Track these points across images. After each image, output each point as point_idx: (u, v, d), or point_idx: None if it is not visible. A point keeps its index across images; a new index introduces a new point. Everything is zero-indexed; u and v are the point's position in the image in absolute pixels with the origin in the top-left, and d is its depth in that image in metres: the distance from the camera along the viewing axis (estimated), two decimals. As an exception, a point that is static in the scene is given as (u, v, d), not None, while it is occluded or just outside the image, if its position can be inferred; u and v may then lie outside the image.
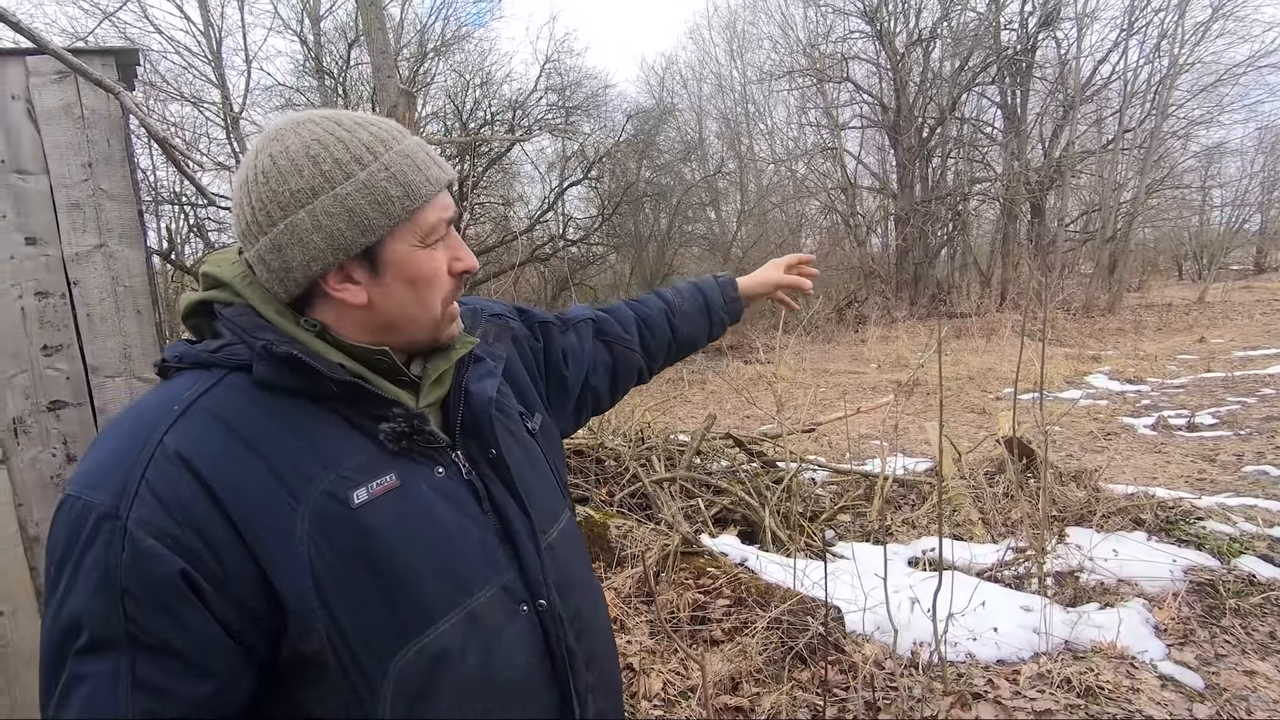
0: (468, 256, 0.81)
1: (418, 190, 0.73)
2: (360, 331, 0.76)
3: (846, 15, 18.65)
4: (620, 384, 1.15)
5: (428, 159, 0.76)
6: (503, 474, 0.82)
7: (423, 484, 0.75)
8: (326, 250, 0.71)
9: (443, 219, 0.77)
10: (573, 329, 1.09)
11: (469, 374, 0.84)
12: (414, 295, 0.76)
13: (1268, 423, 5.76)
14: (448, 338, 0.82)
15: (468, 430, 0.81)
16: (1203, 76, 16.60)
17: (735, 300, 1.27)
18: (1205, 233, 25.18)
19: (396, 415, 0.74)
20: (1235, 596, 2.72)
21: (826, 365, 11.24)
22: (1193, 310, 14.94)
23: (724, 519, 3.76)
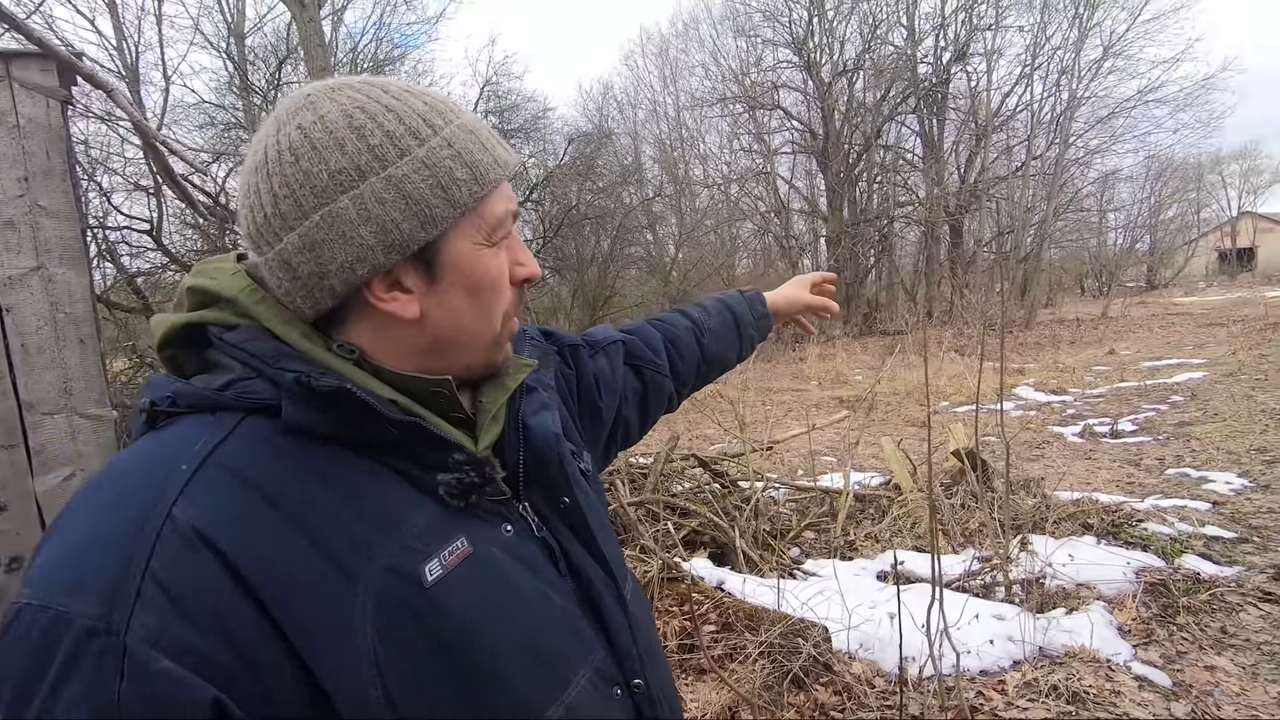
0: (530, 261, 0.67)
1: (486, 173, 0.59)
2: (402, 355, 0.61)
3: (775, 45, 19.41)
4: (651, 413, 1.03)
5: (492, 137, 0.63)
6: (577, 526, 0.69)
7: (494, 547, 0.60)
8: (378, 248, 0.56)
9: (510, 211, 0.63)
10: (602, 352, 0.96)
11: (523, 407, 0.70)
12: (475, 306, 0.62)
13: (1181, 428, 6.18)
14: (504, 359, 0.68)
15: (532, 476, 0.67)
16: (1098, 109, 18.08)
17: (765, 316, 1.17)
18: (1104, 253, 27.21)
19: (460, 463, 0.59)
20: (1186, 595, 2.86)
21: (769, 384, 11.42)
22: (1099, 324, 16.02)
23: (692, 542, 3.71)
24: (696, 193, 20.72)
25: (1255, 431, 5.67)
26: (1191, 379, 8.44)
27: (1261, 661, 2.42)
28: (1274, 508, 3.95)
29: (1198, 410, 6.79)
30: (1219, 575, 3.05)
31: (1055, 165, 17.63)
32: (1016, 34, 17.92)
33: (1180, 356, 10.38)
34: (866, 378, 11.07)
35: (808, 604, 2.58)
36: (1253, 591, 2.90)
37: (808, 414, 7.59)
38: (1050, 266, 20.89)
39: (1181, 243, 34.24)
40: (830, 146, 18.68)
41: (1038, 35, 17.40)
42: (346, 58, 12.06)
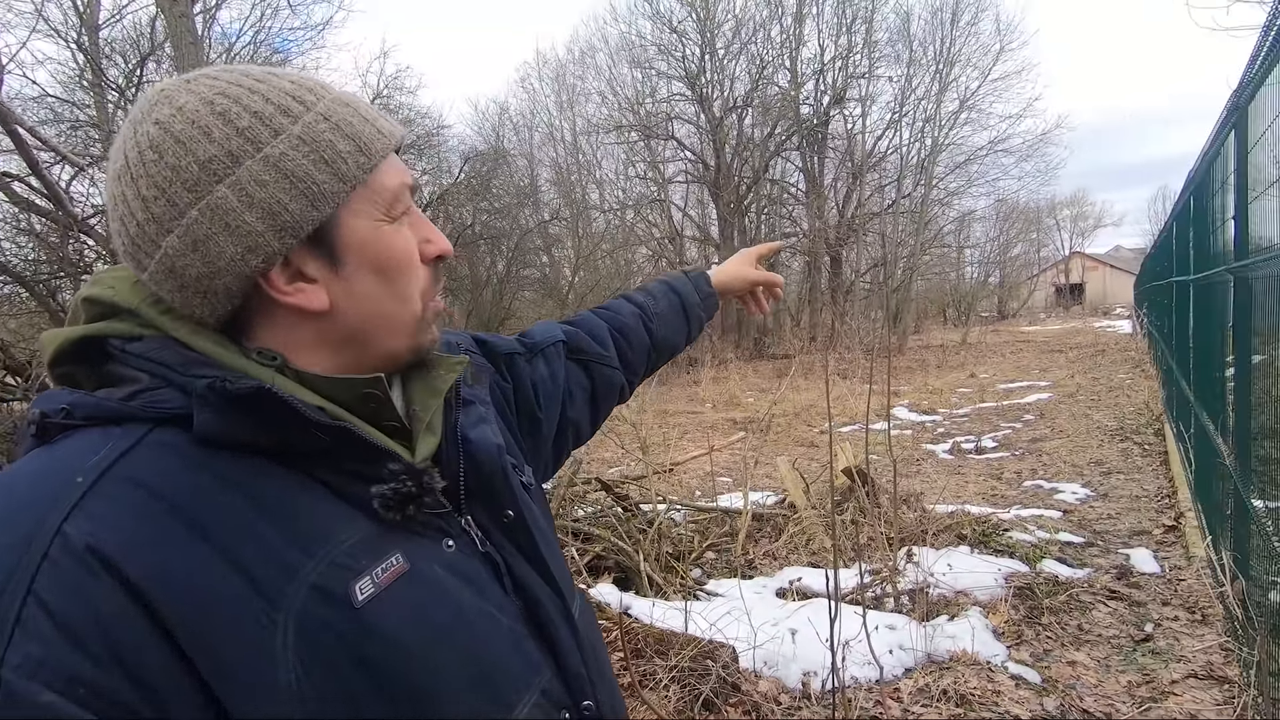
0: (440, 237, 0.63)
1: (370, 144, 0.56)
2: (322, 354, 0.57)
3: (670, 78, 20.08)
4: (602, 408, 0.98)
5: (371, 109, 0.59)
6: (523, 542, 0.65)
7: (434, 564, 0.56)
8: (268, 233, 0.52)
9: (405, 184, 0.59)
10: (540, 355, 0.90)
11: (461, 418, 0.65)
12: (387, 287, 0.58)
13: (1034, 444, 6.84)
14: (432, 342, 0.64)
15: (474, 489, 0.63)
16: (956, 156, 20.00)
17: (710, 295, 1.12)
18: (962, 285, 29.94)
19: (395, 473, 0.55)
20: (1048, 597, 3.14)
21: (665, 406, 11.58)
22: (961, 350, 17.54)
23: (597, 567, 3.66)
24: (593, 217, 20.90)
25: (1093, 446, 6.38)
26: (1040, 399, 9.39)
27: (1112, 654, 2.68)
28: (1112, 514, 4.43)
29: (1046, 427, 7.55)
30: (1073, 577, 3.37)
31: (921, 204, 19.29)
32: (887, 83, 19.56)
33: (1029, 379, 11.54)
34: (758, 399, 11.48)
35: (715, 625, 2.60)
36: (1101, 591, 3.23)
37: (705, 436, 7.75)
38: (918, 297, 22.70)
39: (1025, 278, 38.46)
40: (721, 178, 19.48)
41: (905, 86, 19.09)
42: (221, 59, 11.25)
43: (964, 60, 19.06)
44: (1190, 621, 2.87)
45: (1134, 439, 6.39)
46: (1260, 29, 2.31)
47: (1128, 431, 6.71)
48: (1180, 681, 2.42)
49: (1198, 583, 3.10)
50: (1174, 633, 2.79)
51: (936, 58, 18.83)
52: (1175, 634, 2.78)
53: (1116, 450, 6.11)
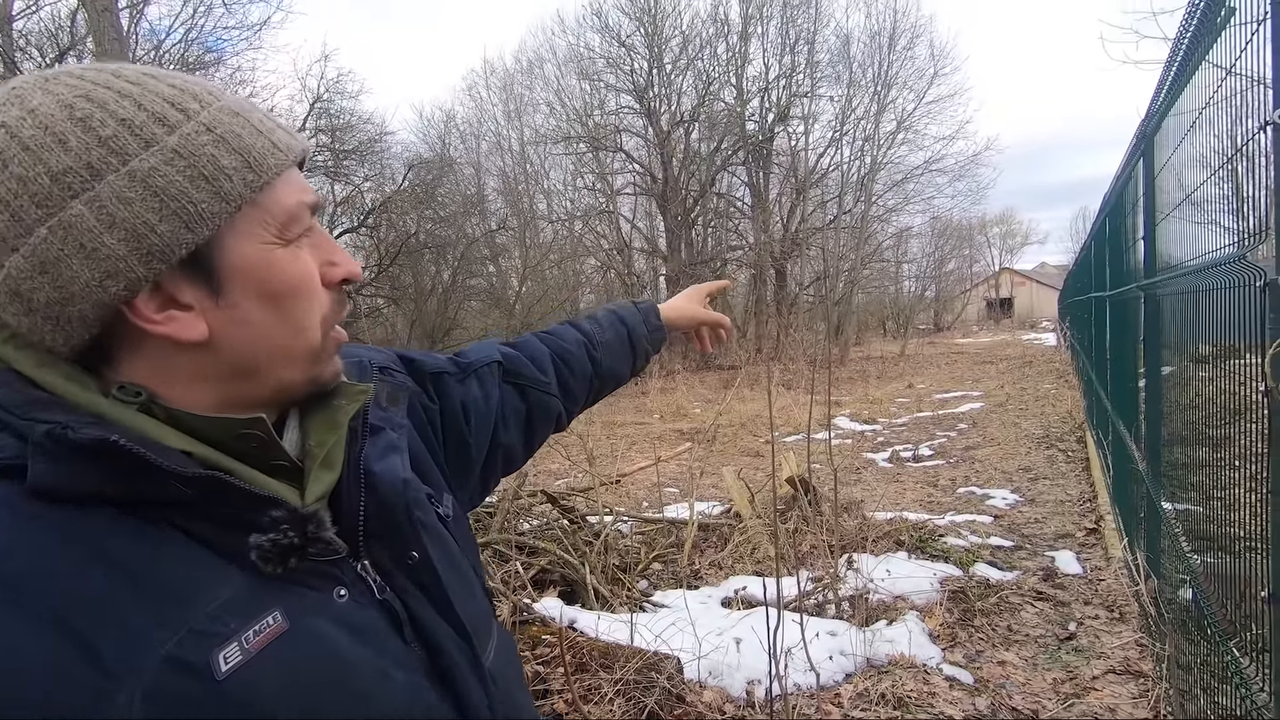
0: (347, 260, 0.58)
1: (263, 159, 0.51)
2: (198, 389, 0.52)
3: (618, 91, 20.22)
4: (537, 435, 0.94)
5: (268, 119, 0.54)
6: (428, 584, 0.60)
7: (320, 619, 0.51)
8: (132, 258, 0.46)
9: (305, 203, 0.54)
10: (474, 376, 0.85)
11: (366, 449, 0.60)
12: (278, 315, 0.53)
13: (968, 452, 7.12)
14: (332, 375, 0.59)
15: (375, 529, 0.58)
16: (894, 174, 20.78)
17: (658, 329, 1.10)
18: (900, 298, 31.01)
19: (276, 521, 0.50)
20: (980, 599, 3.26)
21: (613, 417, 11.58)
22: (899, 362, 18.13)
23: (542, 581, 3.62)
24: (541, 227, 20.81)
25: (1022, 453, 6.68)
26: (973, 409, 9.78)
27: (1039, 653, 2.81)
28: (1039, 518, 4.65)
29: (978, 436, 7.87)
30: (1003, 580, 3.51)
31: (861, 220, 19.94)
32: (828, 103, 20.20)
33: (963, 389, 12.02)
34: (705, 410, 11.59)
35: (660, 636, 2.60)
36: (1029, 592, 3.37)
37: (652, 447, 7.77)
38: (859, 309, 23.40)
39: (959, 292, 40.11)
40: (669, 190, 19.70)
41: (845, 106, 19.75)
42: (148, 56, 10.77)
43: (900, 83, 19.88)
44: (1109, 620, 3.02)
45: (1059, 446, 6.72)
46: (1163, 64, 2.49)
47: (1053, 439, 7.05)
48: (1100, 677, 2.55)
49: (1116, 582, 3.28)
50: (1095, 631, 2.93)
51: (875, 80, 19.57)
52: (1096, 632, 2.92)
53: (1043, 457, 6.41)
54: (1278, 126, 0.98)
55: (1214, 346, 1.78)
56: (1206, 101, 1.80)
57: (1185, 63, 2.14)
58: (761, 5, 19.39)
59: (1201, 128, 1.91)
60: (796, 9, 19.41)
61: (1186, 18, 2.06)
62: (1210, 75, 1.76)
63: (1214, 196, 1.87)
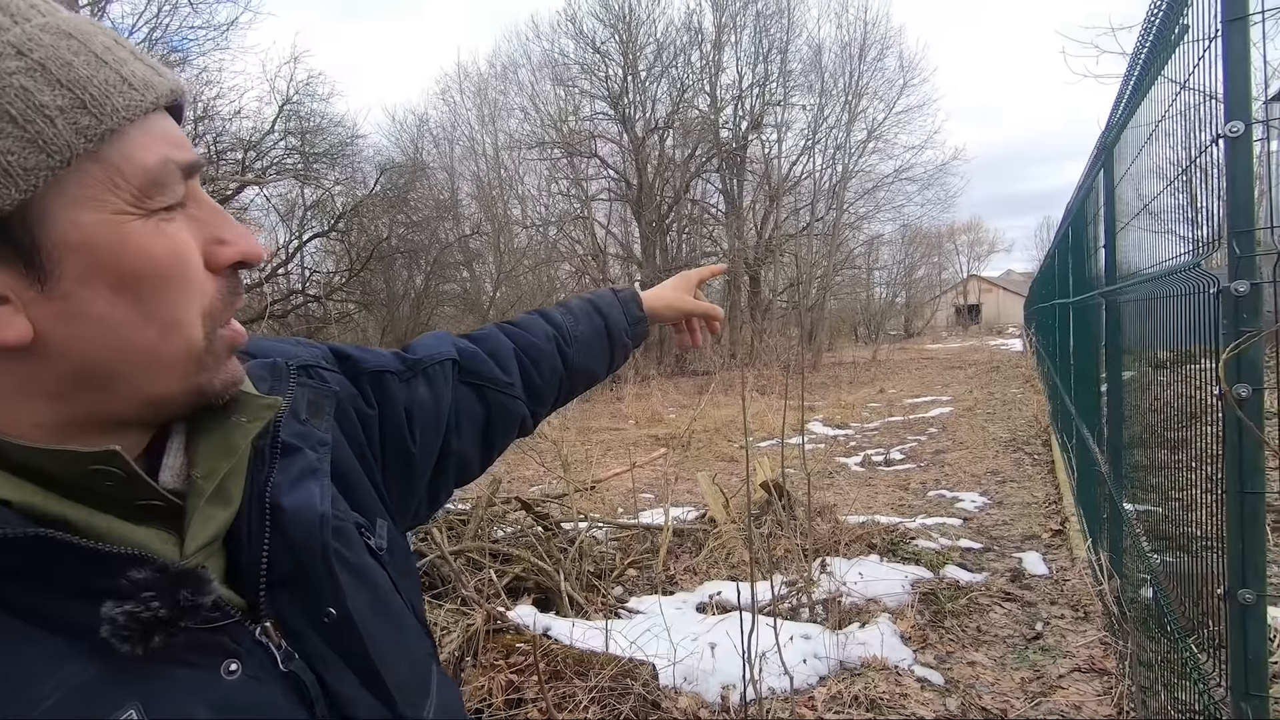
0: (242, 236, 0.46)
1: (106, 98, 0.39)
2: (30, 405, 0.40)
3: (592, 98, 20.25)
4: (497, 442, 0.82)
5: (121, 47, 0.42)
6: (349, 647, 0.49)
7: (200, 705, 0.40)
8: None
9: (176, 162, 0.42)
10: (422, 375, 0.72)
11: (274, 476, 0.49)
12: (137, 308, 0.41)
13: (938, 455, 7.23)
14: (223, 384, 0.46)
15: (282, 580, 0.47)
16: (865, 182, 21.10)
17: (640, 321, 0.97)
18: (871, 305, 31.46)
19: (137, 585, 0.39)
20: (950, 601, 3.30)
21: (588, 423, 11.55)
22: (871, 367, 18.38)
23: (516, 588, 3.59)
24: (515, 233, 20.72)
25: (990, 456, 6.80)
26: (942, 413, 9.95)
27: (1007, 653, 2.85)
28: (1007, 520, 4.73)
29: (948, 440, 8.00)
30: (973, 581, 3.57)
31: (833, 227, 20.20)
32: (801, 111, 20.45)
33: (932, 394, 12.22)
34: (680, 415, 11.61)
35: (636, 643, 2.60)
36: (997, 593, 3.43)
37: (628, 452, 7.76)
38: (831, 315, 23.67)
39: (929, 298, 40.86)
40: (644, 197, 19.76)
41: (817, 115, 20.01)
42: (110, 56, 10.53)
43: (871, 93, 20.22)
44: (1074, 619, 3.09)
45: (1025, 449, 6.86)
46: (1121, 78, 2.57)
47: (1020, 442, 7.20)
48: (1066, 675, 2.60)
49: (1080, 582, 3.35)
50: (1061, 630, 2.99)
51: (846, 89, 19.88)
52: (1062, 631, 2.98)
53: (1010, 460, 6.54)
54: (1229, 139, 1.02)
55: (1172, 351, 1.83)
56: (1162, 115, 1.86)
57: (1142, 77, 2.21)
58: (735, 14, 19.61)
59: (1158, 140, 1.97)
60: (769, 19, 19.67)
61: (1143, 34, 2.13)
62: (1166, 89, 1.82)
63: (1171, 206, 1.93)
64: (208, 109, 11.79)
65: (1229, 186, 1.04)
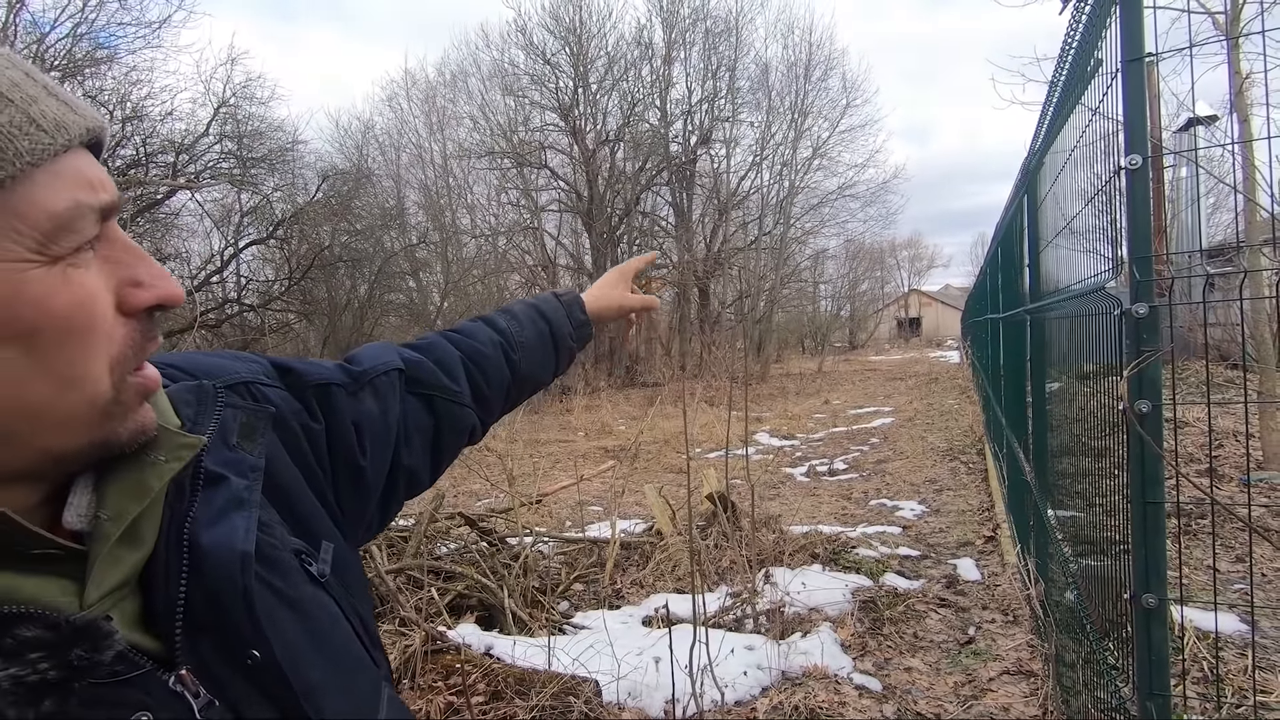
0: (159, 276, 0.44)
1: (9, 141, 0.37)
2: None
3: (543, 109, 20.22)
4: (446, 452, 0.81)
5: (32, 82, 0.40)
6: (273, 690, 0.46)
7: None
8: None
9: (83, 205, 0.40)
10: (368, 387, 0.71)
11: (195, 510, 0.47)
12: (33, 363, 0.38)
13: (879, 465, 7.42)
14: (132, 434, 0.44)
15: (200, 623, 0.44)
16: (810, 198, 21.67)
17: (584, 324, 0.97)
18: (817, 317, 32.22)
19: (25, 644, 0.37)
20: (888, 608, 3.39)
21: (537, 435, 11.44)
22: (817, 378, 18.78)
23: (459, 606, 3.51)
24: (464, 242, 20.45)
25: (928, 466, 7.02)
26: (884, 424, 10.23)
27: (942, 658, 2.94)
28: (943, 528, 4.89)
29: (889, 450, 8.23)
30: (910, 588, 3.67)
31: (780, 241, 20.64)
32: (749, 128, 20.88)
33: (875, 405, 12.56)
34: (630, 427, 11.62)
35: (579, 659, 2.57)
36: (933, 600, 3.53)
37: (576, 465, 7.71)
38: (778, 328, 24.13)
39: (872, 311, 42.09)
40: (594, 208, 19.79)
41: (765, 132, 20.47)
42: (30, 49, 9.96)
43: (816, 112, 20.80)
44: (1005, 623, 3.20)
45: (961, 459, 7.11)
46: (1042, 106, 2.71)
47: (956, 452, 7.46)
48: (996, 678, 2.69)
49: (1010, 587, 3.48)
50: (992, 634, 3.10)
51: (792, 108, 20.39)
52: (993, 635, 3.09)
53: (947, 469, 6.77)
54: (1129, 171, 1.08)
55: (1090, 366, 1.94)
56: (1076, 143, 1.97)
57: (1060, 105, 2.34)
58: (684, 31, 19.92)
59: (1075, 164, 2.09)
60: (718, 37, 20.05)
61: (1058, 66, 2.25)
62: (1082, 117, 1.93)
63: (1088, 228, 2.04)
64: (137, 109, 11.28)
65: (1129, 215, 1.11)
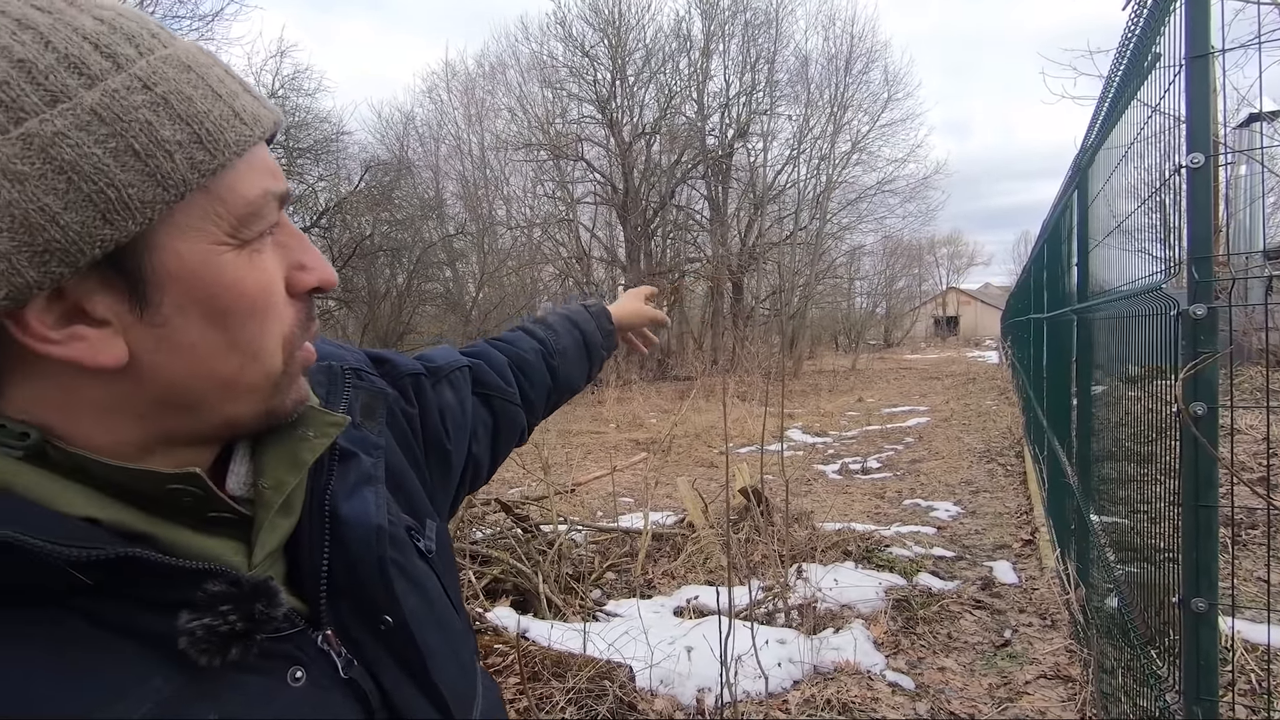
0: (320, 262, 0.48)
1: (220, 132, 0.40)
2: (116, 423, 0.41)
3: (580, 101, 20.27)
4: (502, 449, 0.85)
5: (232, 79, 0.43)
6: (403, 653, 0.50)
7: (270, 714, 0.42)
8: (17, 256, 0.35)
9: (272, 192, 0.44)
10: (446, 381, 0.75)
11: (333, 483, 0.51)
12: (226, 336, 0.42)
13: (914, 465, 7.33)
14: (294, 404, 0.48)
15: (342, 587, 0.48)
16: (848, 193, 21.35)
17: (611, 334, 1.04)
18: (852, 314, 31.80)
19: (214, 598, 0.40)
20: (922, 608, 3.36)
21: (569, 426, 11.54)
22: (850, 376, 18.57)
23: (494, 590, 3.59)
24: (499, 233, 20.67)
25: (964, 467, 6.91)
26: (919, 423, 10.08)
27: (976, 659, 2.91)
28: (979, 529, 4.82)
29: (924, 450, 8.11)
30: (944, 589, 3.63)
31: (816, 237, 20.40)
32: (787, 121, 20.66)
33: (910, 404, 12.37)
34: (661, 420, 11.65)
35: (613, 645, 2.61)
36: (968, 601, 3.50)
37: (610, 456, 7.77)
38: (812, 324, 23.89)
39: (908, 309, 41.39)
40: (629, 201, 19.80)
41: (803, 125, 20.23)
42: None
43: (856, 105, 20.48)
44: (1042, 627, 3.16)
45: (998, 460, 6.98)
46: (1096, 101, 2.65)
47: (993, 453, 7.32)
48: (1033, 682, 2.66)
49: (1048, 591, 3.43)
50: (1028, 637, 3.06)
51: (831, 101, 20.11)
52: (1029, 638, 3.05)
53: (984, 471, 6.65)
54: (1190, 170, 1.07)
55: (1141, 368, 1.90)
56: (1134, 139, 1.93)
57: (1116, 100, 2.29)
58: (724, 23, 19.76)
59: (1130, 162, 2.04)
60: (757, 29, 19.85)
61: (1116, 59, 2.20)
62: (1139, 113, 1.89)
63: (1141, 226, 2.00)
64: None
65: (1190, 215, 1.09)
